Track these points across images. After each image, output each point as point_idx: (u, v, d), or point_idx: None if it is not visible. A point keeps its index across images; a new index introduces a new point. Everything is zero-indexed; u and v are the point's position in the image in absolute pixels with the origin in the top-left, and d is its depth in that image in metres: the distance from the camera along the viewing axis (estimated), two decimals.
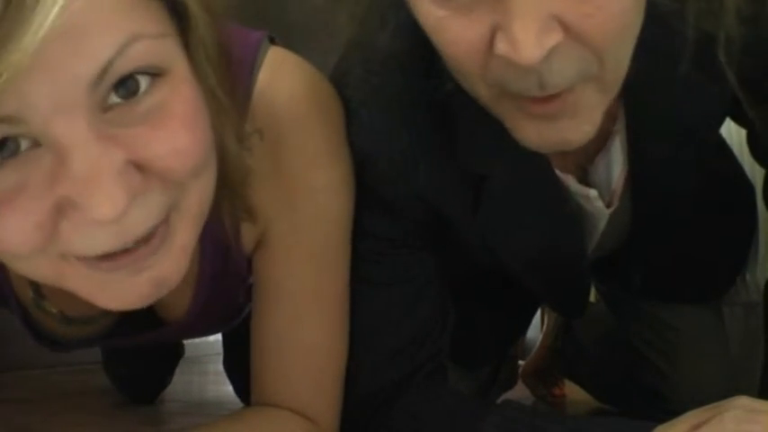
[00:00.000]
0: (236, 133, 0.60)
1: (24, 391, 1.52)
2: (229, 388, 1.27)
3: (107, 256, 0.50)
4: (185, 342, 1.45)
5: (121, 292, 0.52)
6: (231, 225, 0.68)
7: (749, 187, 1.00)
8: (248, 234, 0.71)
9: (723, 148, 0.99)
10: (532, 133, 0.59)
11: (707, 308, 1.11)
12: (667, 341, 1.10)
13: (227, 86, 0.58)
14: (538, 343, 1.44)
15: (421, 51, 0.67)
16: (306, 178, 0.70)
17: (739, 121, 0.78)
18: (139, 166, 0.48)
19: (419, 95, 0.70)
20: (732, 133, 1.03)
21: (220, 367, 1.31)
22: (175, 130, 0.49)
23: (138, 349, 1.30)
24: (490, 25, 0.53)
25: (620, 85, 0.59)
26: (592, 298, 1.25)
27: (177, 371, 1.45)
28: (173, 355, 1.43)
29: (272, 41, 0.72)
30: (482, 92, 0.59)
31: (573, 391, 1.37)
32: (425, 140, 0.72)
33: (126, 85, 0.47)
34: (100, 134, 0.46)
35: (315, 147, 0.69)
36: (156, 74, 0.49)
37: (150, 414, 1.30)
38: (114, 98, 0.47)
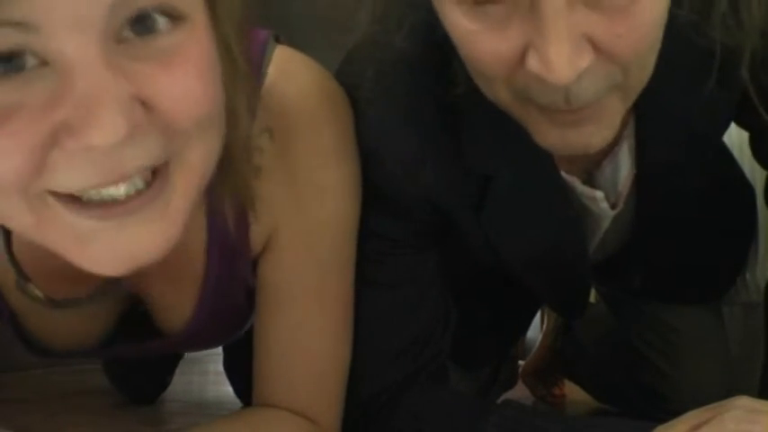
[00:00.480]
0: (248, 103, 0.58)
1: (24, 391, 1.52)
2: (229, 388, 1.26)
3: (92, 204, 0.48)
4: None
5: (104, 249, 0.49)
6: (236, 221, 0.67)
7: (749, 188, 1.00)
8: (257, 236, 0.70)
9: (724, 150, 0.99)
10: (555, 138, 0.59)
11: (707, 308, 1.11)
12: (667, 341, 1.10)
13: (245, 52, 0.57)
14: (538, 343, 1.44)
15: (433, 53, 0.67)
16: (315, 177, 0.69)
17: (742, 124, 0.78)
18: (145, 105, 0.47)
19: (428, 96, 0.70)
20: (732, 136, 1.03)
21: (220, 367, 1.30)
22: (187, 73, 0.48)
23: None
24: (522, 42, 0.53)
25: (641, 90, 0.59)
26: (592, 298, 1.25)
27: (177, 371, 1.45)
28: (173, 356, 1.42)
29: (277, 40, 0.72)
30: (503, 96, 0.59)
31: (573, 391, 1.37)
32: (432, 141, 0.72)
33: (143, 23, 0.46)
34: (110, 61, 0.45)
35: (324, 145, 0.69)
36: (175, 18, 0.48)
37: (150, 414, 1.30)
38: (129, 33, 0.46)
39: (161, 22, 0.47)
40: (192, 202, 0.52)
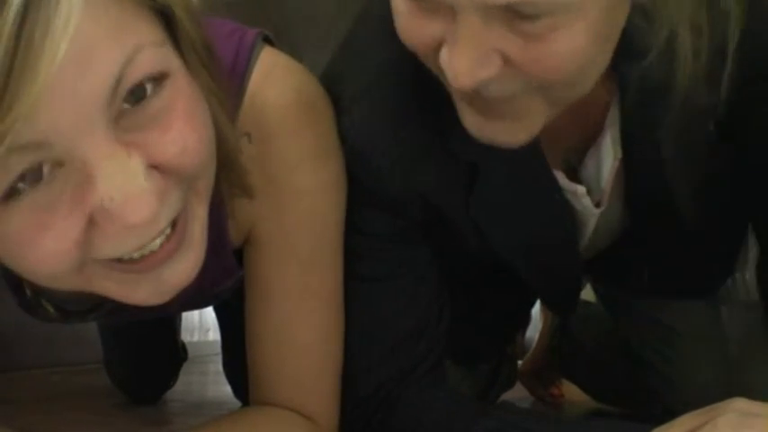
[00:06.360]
0: (225, 109, 0.61)
1: (24, 391, 1.52)
2: (229, 388, 1.27)
3: (134, 261, 0.52)
4: (185, 343, 1.46)
5: (149, 291, 0.54)
6: (227, 203, 0.69)
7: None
8: (234, 230, 0.72)
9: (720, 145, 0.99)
10: (472, 124, 0.62)
11: (705, 308, 1.11)
12: (665, 342, 1.10)
13: (215, 74, 0.60)
14: (535, 343, 1.44)
15: None
16: (293, 181, 0.70)
17: None
18: (158, 168, 0.50)
19: (412, 90, 0.71)
20: None
21: (220, 367, 1.31)
22: (182, 129, 0.52)
23: (139, 348, 1.31)
24: (441, 35, 0.56)
25: (572, 101, 0.60)
26: (591, 298, 1.25)
27: None
28: (175, 357, 1.42)
29: (267, 39, 0.73)
30: (436, 74, 0.61)
31: (571, 392, 1.37)
32: (418, 135, 0.73)
33: (135, 93, 0.49)
34: (120, 142, 0.48)
35: (303, 150, 0.70)
36: (159, 79, 0.50)
37: (150, 414, 1.30)
38: (125, 106, 0.49)
39: (149, 86, 0.50)
40: (206, 213, 0.57)
